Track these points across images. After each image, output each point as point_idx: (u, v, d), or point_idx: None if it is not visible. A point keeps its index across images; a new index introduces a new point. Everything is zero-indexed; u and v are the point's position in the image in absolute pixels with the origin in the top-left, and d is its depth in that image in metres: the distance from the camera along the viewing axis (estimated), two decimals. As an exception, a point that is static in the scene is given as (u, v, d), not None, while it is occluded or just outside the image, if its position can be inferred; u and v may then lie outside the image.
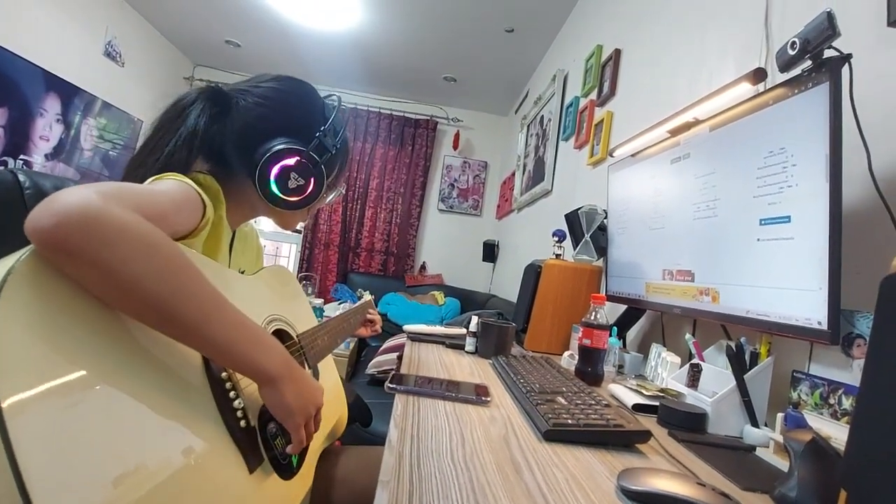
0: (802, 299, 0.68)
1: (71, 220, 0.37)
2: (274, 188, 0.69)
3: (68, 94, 2.79)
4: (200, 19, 3.25)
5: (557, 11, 2.57)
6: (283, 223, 0.81)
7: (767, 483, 0.55)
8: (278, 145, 0.68)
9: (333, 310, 2.85)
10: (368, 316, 1.21)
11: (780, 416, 0.68)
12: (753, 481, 0.57)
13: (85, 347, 0.38)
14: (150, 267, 0.41)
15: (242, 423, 0.54)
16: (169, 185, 0.55)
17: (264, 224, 3.51)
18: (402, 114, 4.08)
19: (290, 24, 3.09)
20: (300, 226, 0.85)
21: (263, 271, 0.78)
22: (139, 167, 0.61)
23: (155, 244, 0.42)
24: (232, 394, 0.54)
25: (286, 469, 0.61)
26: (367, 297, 1.28)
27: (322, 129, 0.72)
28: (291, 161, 0.68)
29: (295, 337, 0.75)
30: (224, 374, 0.54)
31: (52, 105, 2.70)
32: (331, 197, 0.83)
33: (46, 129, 2.69)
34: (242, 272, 0.76)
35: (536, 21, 2.68)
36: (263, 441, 0.57)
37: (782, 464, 0.64)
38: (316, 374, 0.82)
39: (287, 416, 0.55)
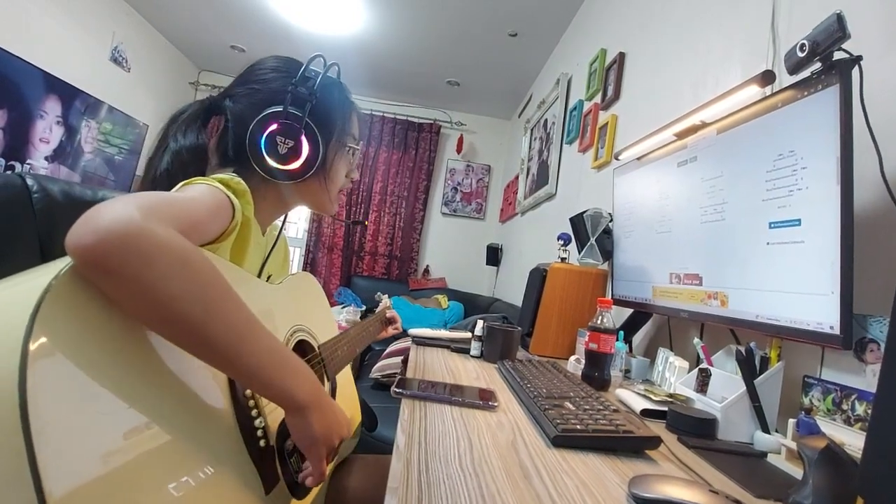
0: (813, 303, 0.67)
1: (111, 237, 0.37)
2: (269, 161, 0.66)
3: (69, 96, 2.78)
4: (205, 25, 3.28)
5: (561, 15, 2.57)
6: (317, 204, 0.76)
7: (781, 490, 0.54)
8: (258, 118, 0.66)
9: (337, 313, 2.84)
10: (388, 314, 1.22)
11: (791, 421, 0.68)
12: (766, 489, 0.56)
13: (114, 362, 0.38)
14: (186, 286, 0.40)
15: (262, 442, 0.54)
16: (201, 191, 0.55)
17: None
18: (405, 118, 4.09)
19: (295, 28, 3.10)
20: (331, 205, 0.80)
21: (289, 279, 0.76)
22: (151, 183, 0.62)
23: (191, 263, 0.42)
24: (254, 412, 0.54)
25: (301, 489, 0.61)
26: (386, 300, 1.29)
27: (293, 82, 0.67)
28: (274, 126, 0.65)
29: (316, 348, 0.75)
30: (248, 392, 0.54)
31: (53, 107, 2.69)
32: (345, 157, 0.76)
33: (46, 131, 2.68)
34: (269, 277, 0.75)
35: (540, 25, 2.68)
36: (280, 461, 0.57)
37: (794, 470, 0.63)
38: (334, 386, 0.81)
39: (310, 444, 0.53)
